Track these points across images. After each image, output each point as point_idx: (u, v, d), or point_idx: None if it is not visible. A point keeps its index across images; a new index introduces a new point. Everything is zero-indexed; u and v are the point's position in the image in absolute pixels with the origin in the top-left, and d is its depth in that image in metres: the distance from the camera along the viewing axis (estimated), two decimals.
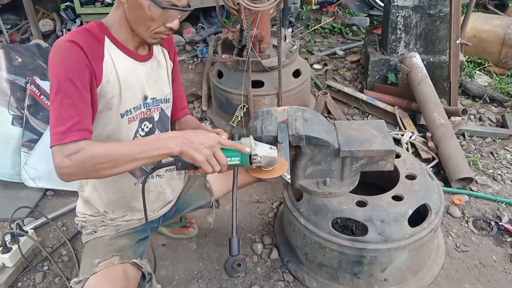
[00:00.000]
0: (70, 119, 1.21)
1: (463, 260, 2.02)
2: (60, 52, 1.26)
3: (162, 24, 1.35)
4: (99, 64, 1.32)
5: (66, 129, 1.20)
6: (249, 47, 2.70)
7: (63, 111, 1.22)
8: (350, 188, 1.76)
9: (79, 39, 1.28)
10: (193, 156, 1.22)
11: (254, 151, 1.33)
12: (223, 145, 1.28)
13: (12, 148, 2.54)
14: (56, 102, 1.23)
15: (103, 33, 1.37)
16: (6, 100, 2.61)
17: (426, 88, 2.89)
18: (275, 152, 1.37)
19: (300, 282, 1.93)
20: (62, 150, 1.19)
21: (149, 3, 1.28)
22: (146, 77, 1.48)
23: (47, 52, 3.15)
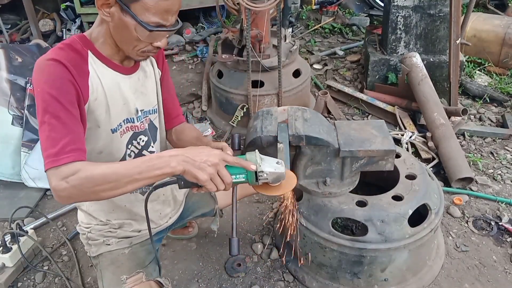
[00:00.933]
0: (61, 140, 1.16)
1: (463, 260, 2.02)
2: (43, 72, 1.23)
3: (149, 44, 1.31)
4: (84, 81, 1.28)
5: (58, 151, 1.15)
6: (249, 47, 2.70)
7: (52, 132, 1.18)
8: (350, 188, 1.76)
9: (62, 56, 1.24)
10: (196, 176, 1.16)
11: (260, 167, 1.26)
12: (227, 162, 1.22)
13: (12, 148, 2.54)
14: (44, 124, 1.19)
15: (86, 47, 1.32)
16: (6, 100, 2.61)
17: (426, 88, 2.89)
18: (283, 167, 1.29)
19: (300, 282, 1.93)
20: (57, 173, 1.13)
21: (135, 24, 1.22)
22: (133, 90, 1.44)
23: None
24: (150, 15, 1.20)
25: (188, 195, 1.82)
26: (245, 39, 2.75)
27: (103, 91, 1.33)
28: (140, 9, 1.20)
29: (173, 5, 1.23)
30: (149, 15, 1.20)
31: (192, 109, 3.46)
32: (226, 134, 3.05)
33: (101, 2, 1.22)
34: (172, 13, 1.25)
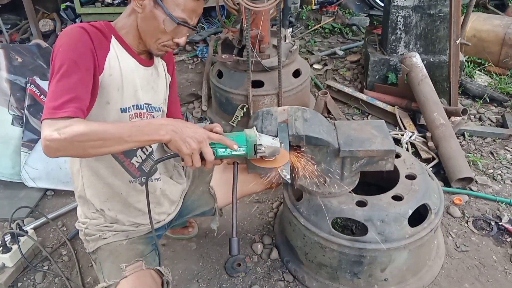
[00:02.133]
0: (65, 95, 1.20)
1: (463, 260, 2.02)
2: (67, 35, 1.29)
3: (171, 38, 1.41)
4: (102, 55, 1.35)
5: (60, 104, 1.19)
6: (249, 47, 2.70)
7: (60, 87, 1.22)
8: (350, 188, 1.76)
9: (88, 28, 1.32)
10: (180, 147, 1.23)
11: (258, 141, 1.36)
12: (212, 139, 1.29)
13: (12, 148, 2.54)
14: (55, 80, 1.23)
15: (110, 32, 1.40)
16: (6, 100, 2.61)
17: (426, 88, 2.89)
18: (278, 143, 1.41)
19: (300, 282, 1.93)
20: (52, 123, 1.16)
21: (165, 17, 1.34)
22: (145, 82, 1.50)
23: (47, 52, 3.15)
24: (179, 10, 1.33)
25: (187, 193, 1.83)
26: (245, 39, 2.75)
27: (120, 71, 1.40)
28: (172, 4, 1.33)
29: (199, 7, 1.38)
30: (179, 10, 1.33)
31: (192, 109, 3.46)
32: None
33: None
34: (197, 14, 1.39)
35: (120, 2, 4.64)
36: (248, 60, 2.74)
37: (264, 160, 1.43)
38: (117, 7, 4.62)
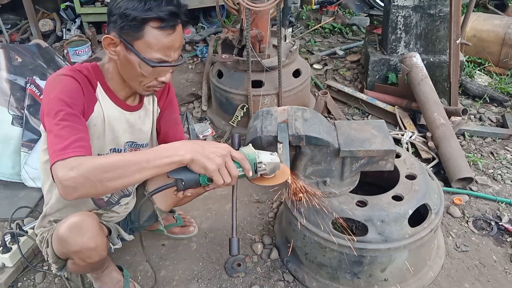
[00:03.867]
0: (69, 137, 1.20)
1: (463, 260, 2.02)
2: (59, 83, 1.31)
3: (154, 79, 1.39)
4: (91, 104, 1.38)
5: (66, 145, 1.18)
6: (249, 47, 2.70)
7: (62, 131, 1.21)
8: (350, 188, 1.76)
9: (77, 76, 1.35)
10: (205, 165, 1.17)
11: (258, 158, 1.30)
12: (233, 156, 1.24)
13: (12, 148, 2.53)
14: (54, 125, 1.23)
15: (96, 78, 1.41)
16: (6, 100, 2.61)
17: (426, 88, 2.89)
18: (277, 158, 1.35)
19: (300, 282, 1.93)
20: (65, 164, 1.14)
21: (139, 61, 1.31)
22: (129, 126, 1.54)
23: (47, 52, 3.15)
24: (152, 52, 1.29)
25: None
26: (245, 39, 2.75)
27: (103, 121, 1.43)
28: (143, 46, 1.28)
29: (175, 42, 1.31)
30: (152, 52, 1.29)
31: (192, 109, 3.45)
32: (226, 134, 3.05)
33: (107, 42, 1.32)
34: (174, 49, 1.33)
35: None
36: (248, 60, 2.74)
37: (264, 178, 1.36)
38: None
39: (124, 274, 1.86)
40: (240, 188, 1.59)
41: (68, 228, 1.41)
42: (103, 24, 4.86)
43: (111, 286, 1.78)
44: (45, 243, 1.59)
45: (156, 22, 1.27)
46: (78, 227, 1.41)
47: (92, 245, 1.43)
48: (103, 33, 4.86)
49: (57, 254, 1.53)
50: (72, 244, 1.41)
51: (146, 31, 1.27)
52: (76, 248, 1.42)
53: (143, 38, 1.28)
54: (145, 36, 1.27)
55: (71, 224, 1.42)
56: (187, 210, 2.34)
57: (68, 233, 1.41)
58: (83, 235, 1.41)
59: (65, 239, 1.41)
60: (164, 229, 2.06)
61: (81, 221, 1.43)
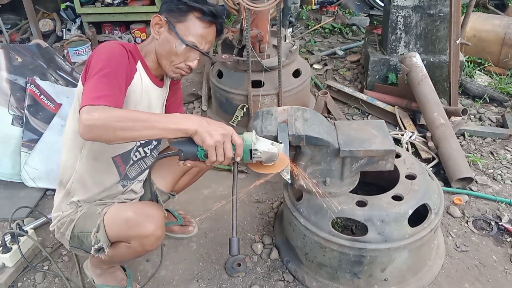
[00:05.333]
0: (104, 91, 1.31)
1: (463, 260, 2.02)
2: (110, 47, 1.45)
3: (183, 61, 1.57)
4: (132, 73, 1.53)
5: (99, 96, 1.29)
6: (249, 47, 2.70)
7: (101, 84, 1.33)
8: (350, 188, 1.76)
9: (127, 46, 1.51)
10: (205, 138, 1.27)
11: (254, 145, 1.35)
12: (233, 139, 1.32)
13: (12, 148, 2.53)
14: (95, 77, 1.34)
15: (138, 56, 1.58)
16: (6, 100, 2.61)
17: (426, 88, 2.89)
18: (276, 148, 1.38)
19: (300, 282, 1.93)
20: (92, 108, 1.26)
21: (176, 41, 1.52)
22: (157, 100, 1.69)
23: (47, 52, 3.15)
24: (189, 35, 1.52)
25: None
26: (245, 39, 2.75)
27: (141, 90, 1.58)
28: (183, 29, 1.52)
29: (208, 35, 1.56)
30: (189, 35, 1.52)
31: (192, 109, 3.46)
32: None
33: (155, 21, 1.55)
34: (206, 41, 1.56)
35: (120, 2, 4.64)
36: (248, 60, 2.74)
37: (262, 165, 1.41)
38: (117, 7, 4.62)
39: (127, 274, 1.91)
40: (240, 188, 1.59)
41: (141, 212, 1.54)
42: (103, 24, 4.86)
43: (114, 283, 1.84)
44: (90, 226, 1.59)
45: (199, 13, 1.51)
46: (150, 213, 1.54)
47: (159, 234, 1.54)
48: (103, 33, 4.87)
49: (112, 236, 1.56)
50: (145, 228, 1.51)
51: (189, 17, 1.51)
52: (147, 232, 1.51)
53: (185, 22, 1.51)
54: (187, 21, 1.52)
55: (142, 209, 1.56)
56: (188, 210, 2.34)
57: (139, 217, 1.52)
58: (155, 222, 1.52)
59: (138, 222, 1.51)
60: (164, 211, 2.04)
61: (152, 209, 1.57)
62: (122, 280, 1.87)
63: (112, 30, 4.88)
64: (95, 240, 1.56)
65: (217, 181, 2.57)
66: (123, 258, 1.72)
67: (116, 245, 1.60)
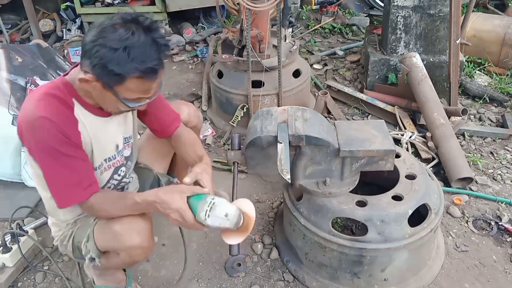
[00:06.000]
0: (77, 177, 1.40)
1: (463, 260, 2.02)
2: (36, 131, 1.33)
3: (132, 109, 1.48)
4: (74, 129, 1.40)
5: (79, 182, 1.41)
6: (249, 47, 2.70)
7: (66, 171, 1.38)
8: (350, 188, 1.76)
9: (48, 111, 1.33)
10: (168, 219, 1.40)
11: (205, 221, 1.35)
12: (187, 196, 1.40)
13: (12, 148, 2.53)
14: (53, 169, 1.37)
15: (71, 95, 1.41)
16: (6, 100, 2.61)
17: (426, 88, 2.89)
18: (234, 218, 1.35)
19: (300, 282, 1.93)
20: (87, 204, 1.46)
21: (116, 100, 1.36)
22: (116, 128, 1.59)
23: (48, 52, 3.15)
24: (131, 93, 1.34)
25: None
26: (245, 39, 2.75)
27: (89, 136, 1.46)
28: (123, 90, 1.32)
29: (154, 84, 1.37)
30: (131, 93, 1.34)
31: None
32: (226, 134, 3.05)
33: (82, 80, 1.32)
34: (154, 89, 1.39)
35: (120, 2, 4.64)
36: (248, 60, 2.74)
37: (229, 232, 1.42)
38: (117, 7, 4.62)
39: (127, 274, 1.89)
40: (240, 188, 1.59)
41: (127, 225, 1.50)
42: None
43: (113, 284, 1.84)
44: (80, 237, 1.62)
45: (139, 74, 1.30)
46: (136, 226, 1.51)
47: (146, 245, 1.53)
48: None
49: (101, 246, 1.58)
50: (131, 241, 1.50)
51: (127, 81, 1.30)
52: (133, 245, 1.50)
53: (124, 85, 1.31)
54: (125, 83, 1.31)
55: (129, 222, 1.51)
56: None
57: (126, 230, 1.49)
58: (141, 235, 1.51)
59: (123, 235, 1.50)
60: None
61: (139, 222, 1.53)
62: (122, 281, 1.86)
63: None
64: (85, 250, 1.58)
65: (217, 181, 2.57)
66: (117, 266, 1.74)
67: (107, 254, 1.61)
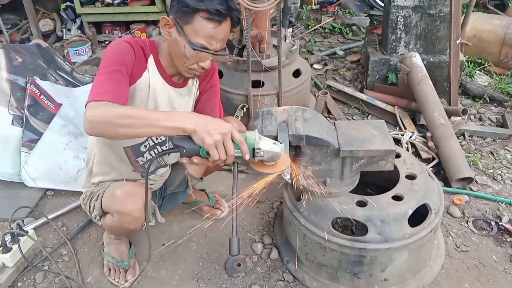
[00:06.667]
0: (109, 87, 1.37)
1: (463, 260, 2.02)
2: (116, 45, 1.51)
3: (195, 63, 1.55)
4: (140, 69, 1.55)
5: (104, 92, 1.35)
6: (249, 47, 2.70)
7: (105, 81, 1.39)
8: (350, 188, 1.76)
9: (133, 42, 1.54)
10: (203, 138, 1.26)
11: (257, 144, 1.34)
12: (234, 137, 1.31)
13: (12, 148, 2.53)
14: (100, 75, 1.41)
15: (151, 51, 1.59)
16: (6, 100, 2.61)
17: (426, 88, 2.89)
18: (278, 148, 1.37)
19: (300, 282, 1.93)
20: (96, 104, 1.32)
21: (184, 43, 1.48)
22: (170, 100, 1.69)
23: (47, 52, 3.15)
24: (197, 37, 1.47)
25: None
26: (245, 39, 2.75)
27: (148, 88, 1.60)
28: (191, 31, 1.46)
29: (218, 34, 1.48)
30: (197, 37, 1.47)
31: None
32: None
33: (164, 22, 1.51)
34: (217, 40, 1.50)
35: (120, 2, 4.64)
36: (248, 60, 2.74)
37: (264, 164, 1.40)
38: (117, 7, 4.62)
39: (131, 249, 2.03)
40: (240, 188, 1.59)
41: (126, 192, 1.64)
42: (103, 24, 4.86)
43: (116, 255, 1.97)
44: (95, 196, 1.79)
45: (205, 13, 1.44)
46: (134, 194, 1.63)
47: (137, 215, 1.63)
48: (103, 33, 4.87)
49: (104, 206, 1.74)
50: (123, 206, 1.63)
51: (195, 19, 1.45)
52: (124, 210, 1.63)
53: (192, 24, 1.45)
54: (193, 23, 1.45)
55: (129, 190, 1.65)
56: None
57: (124, 196, 1.63)
58: (134, 203, 1.62)
59: (120, 199, 1.63)
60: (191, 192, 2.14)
61: (137, 191, 1.64)
62: (124, 253, 1.98)
63: (112, 30, 4.88)
64: (93, 207, 1.78)
65: (217, 181, 2.57)
66: (110, 229, 1.88)
67: (105, 216, 1.78)
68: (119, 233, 1.94)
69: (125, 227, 1.71)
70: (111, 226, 1.78)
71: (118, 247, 1.99)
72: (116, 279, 1.93)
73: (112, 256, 1.96)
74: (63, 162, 2.50)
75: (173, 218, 2.29)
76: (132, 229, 1.72)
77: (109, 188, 1.73)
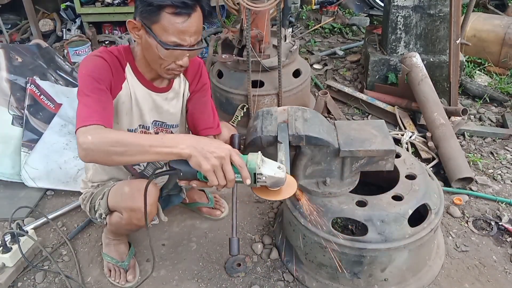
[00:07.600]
0: (93, 107, 1.35)
1: (463, 260, 2.02)
2: (90, 61, 1.46)
3: (172, 62, 1.48)
4: (119, 82, 1.51)
5: (89, 116, 1.32)
6: (249, 47, 2.70)
7: (88, 102, 1.36)
8: (350, 188, 1.76)
9: (106, 56, 1.48)
10: (200, 163, 1.21)
11: (259, 169, 1.25)
12: (233, 161, 1.24)
13: (12, 148, 2.53)
14: (82, 97, 1.38)
15: (126, 59, 1.54)
16: (6, 100, 2.61)
17: (426, 88, 2.89)
18: (283, 173, 1.27)
19: (300, 282, 1.93)
20: (86, 130, 1.29)
21: (156, 44, 1.41)
22: (155, 106, 1.66)
23: (47, 52, 3.15)
24: (168, 35, 1.38)
25: None
26: (245, 39, 2.75)
27: (130, 99, 1.57)
28: (160, 30, 1.38)
29: (189, 27, 1.39)
30: (167, 35, 1.38)
31: None
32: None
33: (131, 26, 1.45)
34: (190, 34, 1.41)
35: (120, 2, 4.64)
36: (248, 60, 2.74)
37: (268, 190, 1.31)
38: (117, 7, 4.62)
39: (130, 249, 2.02)
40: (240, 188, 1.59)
41: (135, 188, 1.58)
42: (103, 24, 4.86)
43: (115, 255, 1.96)
44: (99, 195, 1.76)
45: (171, 8, 1.35)
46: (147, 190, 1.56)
47: (148, 210, 1.53)
48: (103, 33, 4.87)
49: (110, 205, 1.69)
50: (133, 202, 1.57)
51: (162, 16, 1.36)
52: (135, 206, 1.57)
53: (160, 22, 1.37)
54: (161, 20, 1.37)
55: (138, 186, 1.57)
56: None
57: (133, 192, 1.58)
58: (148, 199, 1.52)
59: (130, 196, 1.58)
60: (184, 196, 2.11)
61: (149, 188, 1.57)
62: (123, 254, 1.97)
63: (112, 30, 4.88)
64: (97, 206, 1.71)
65: None
66: (117, 228, 1.81)
67: (112, 214, 1.73)
68: (123, 232, 1.91)
69: (134, 224, 1.66)
70: (119, 224, 1.73)
71: (117, 248, 1.98)
72: (117, 279, 1.93)
73: (112, 256, 1.96)
74: (63, 162, 2.50)
75: (173, 218, 2.29)
76: (141, 225, 1.67)
77: (114, 186, 1.70)
